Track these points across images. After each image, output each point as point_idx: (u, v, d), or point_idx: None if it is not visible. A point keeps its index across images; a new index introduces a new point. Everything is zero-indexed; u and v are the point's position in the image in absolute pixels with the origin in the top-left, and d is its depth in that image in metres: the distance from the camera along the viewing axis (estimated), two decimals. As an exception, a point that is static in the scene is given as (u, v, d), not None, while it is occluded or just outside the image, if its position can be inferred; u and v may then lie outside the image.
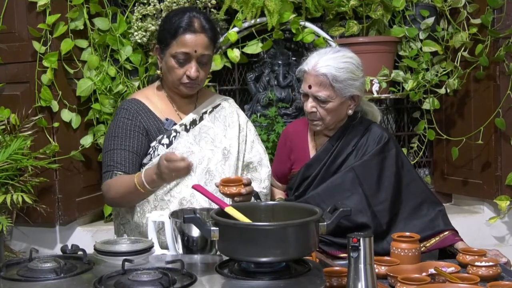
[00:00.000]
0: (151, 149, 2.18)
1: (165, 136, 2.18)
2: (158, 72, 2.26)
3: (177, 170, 1.87)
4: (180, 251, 1.83)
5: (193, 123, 2.25)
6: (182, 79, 2.17)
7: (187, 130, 2.22)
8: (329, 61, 2.19)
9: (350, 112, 2.27)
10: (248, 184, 2.03)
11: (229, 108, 2.35)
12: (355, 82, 2.21)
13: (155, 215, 1.91)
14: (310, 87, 2.21)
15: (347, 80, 2.19)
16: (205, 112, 2.29)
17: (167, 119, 2.21)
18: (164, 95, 2.28)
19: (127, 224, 2.21)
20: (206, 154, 2.20)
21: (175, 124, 2.21)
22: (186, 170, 1.87)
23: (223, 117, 2.31)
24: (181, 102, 2.28)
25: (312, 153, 2.35)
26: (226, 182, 2.02)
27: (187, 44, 2.14)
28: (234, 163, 2.25)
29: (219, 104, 2.34)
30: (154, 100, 2.26)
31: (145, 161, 2.19)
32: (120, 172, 2.13)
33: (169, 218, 1.86)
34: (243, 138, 2.32)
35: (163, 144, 2.17)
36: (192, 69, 2.15)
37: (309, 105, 2.23)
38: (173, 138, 2.18)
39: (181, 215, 1.81)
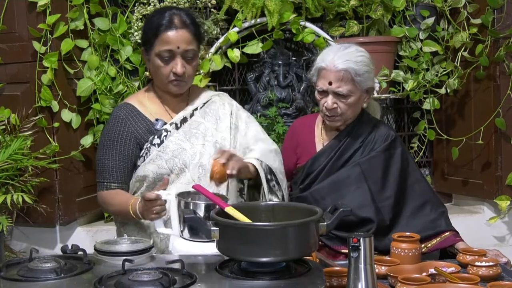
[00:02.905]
0: (143, 150, 2.19)
1: (156, 137, 2.19)
2: (147, 73, 2.28)
3: (150, 211, 1.94)
4: (186, 232, 1.83)
5: (184, 120, 2.25)
6: (169, 77, 2.17)
7: (177, 128, 2.22)
8: (346, 56, 2.22)
9: (364, 105, 2.33)
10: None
11: (219, 101, 2.34)
12: (371, 75, 2.28)
13: (163, 194, 1.92)
14: (330, 83, 2.22)
15: (365, 73, 2.23)
16: (196, 109, 2.29)
17: (157, 120, 2.22)
18: (155, 96, 2.28)
19: (127, 225, 2.22)
20: (198, 149, 2.20)
21: (165, 123, 2.22)
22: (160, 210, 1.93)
23: (214, 111, 2.30)
24: (173, 102, 2.27)
25: (318, 147, 2.37)
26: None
27: (169, 41, 2.14)
28: None
29: (210, 99, 2.33)
30: (145, 102, 2.27)
31: (138, 163, 2.20)
32: (113, 184, 2.20)
33: (176, 197, 1.86)
34: (234, 126, 2.31)
35: (154, 144, 2.18)
36: (177, 66, 2.15)
37: (330, 102, 2.24)
38: (164, 137, 2.19)
39: (186, 195, 1.84)
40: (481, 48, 2.95)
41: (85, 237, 3.14)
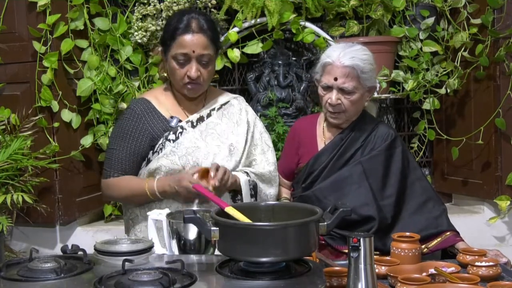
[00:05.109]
0: (158, 145, 2.21)
1: (171, 133, 2.22)
2: (165, 74, 2.30)
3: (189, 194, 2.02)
4: (176, 251, 1.83)
5: (200, 119, 2.28)
6: (184, 80, 2.20)
7: (193, 126, 2.25)
8: (352, 53, 2.25)
9: (366, 104, 2.35)
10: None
11: (238, 105, 2.38)
12: (374, 74, 2.32)
13: (154, 213, 1.92)
14: (336, 79, 2.24)
15: (369, 71, 2.27)
16: (213, 109, 2.32)
17: (172, 117, 2.24)
18: (172, 95, 2.33)
19: (136, 218, 2.25)
20: (212, 149, 2.22)
21: (180, 121, 2.24)
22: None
23: (231, 114, 2.34)
24: (189, 102, 2.30)
25: (320, 146, 2.39)
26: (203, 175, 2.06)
27: (185, 45, 2.16)
28: (239, 158, 2.27)
29: (228, 102, 2.36)
30: (162, 99, 2.31)
31: (151, 157, 2.22)
32: (119, 173, 2.23)
33: (166, 218, 1.86)
34: (250, 135, 2.34)
35: (169, 140, 2.21)
36: (192, 69, 2.18)
37: (334, 97, 2.26)
38: (180, 134, 2.22)
39: (177, 216, 1.83)
40: (481, 48, 2.95)
41: (85, 237, 3.14)
